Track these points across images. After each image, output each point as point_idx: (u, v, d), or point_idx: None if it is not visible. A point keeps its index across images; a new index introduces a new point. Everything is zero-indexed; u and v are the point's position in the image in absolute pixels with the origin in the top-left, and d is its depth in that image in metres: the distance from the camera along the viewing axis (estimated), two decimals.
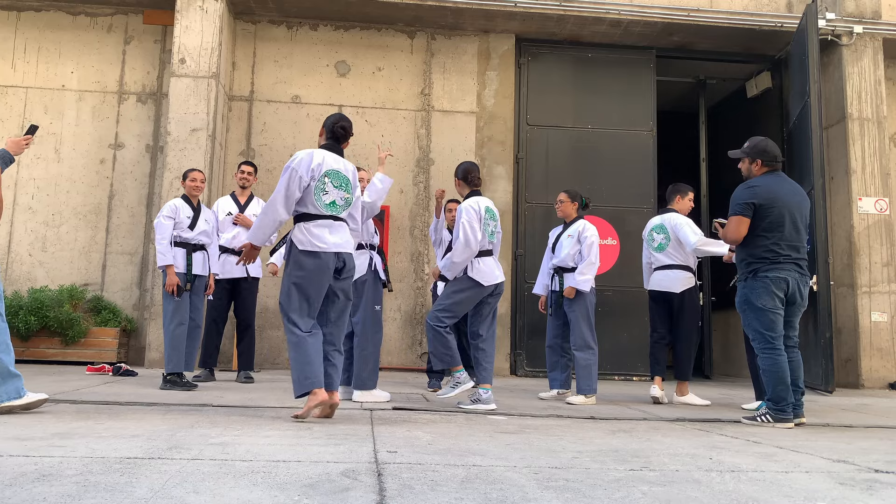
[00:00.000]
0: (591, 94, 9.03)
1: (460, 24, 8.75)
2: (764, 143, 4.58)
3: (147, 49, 8.63)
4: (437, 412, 4.45)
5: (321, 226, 3.90)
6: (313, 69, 8.73)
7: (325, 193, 3.92)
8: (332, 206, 3.94)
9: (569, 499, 2.16)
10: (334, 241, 3.91)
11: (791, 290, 4.37)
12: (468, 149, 8.72)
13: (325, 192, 3.92)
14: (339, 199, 3.98)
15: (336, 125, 4.08)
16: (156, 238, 5.53)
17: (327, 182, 3.93)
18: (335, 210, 3.96)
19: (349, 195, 4.02)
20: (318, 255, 3.85)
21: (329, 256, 3.88)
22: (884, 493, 2.40)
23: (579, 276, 5.44)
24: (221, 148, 8.27)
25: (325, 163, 3.94)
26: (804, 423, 4.44)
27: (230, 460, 2.58)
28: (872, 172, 8.44)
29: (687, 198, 5.98)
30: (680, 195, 5.98)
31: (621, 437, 3.61)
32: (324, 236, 3.88)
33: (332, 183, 3.95)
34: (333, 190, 3.95)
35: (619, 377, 8.38)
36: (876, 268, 8.27)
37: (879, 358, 8.11)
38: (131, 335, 8.02)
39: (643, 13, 8.40)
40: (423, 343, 8.29)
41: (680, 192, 6.00)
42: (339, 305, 4.01)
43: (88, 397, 4.52)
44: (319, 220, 3.91)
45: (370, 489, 2.19)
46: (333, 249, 3.89)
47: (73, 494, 2.00)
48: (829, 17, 8.53)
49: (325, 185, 3.92)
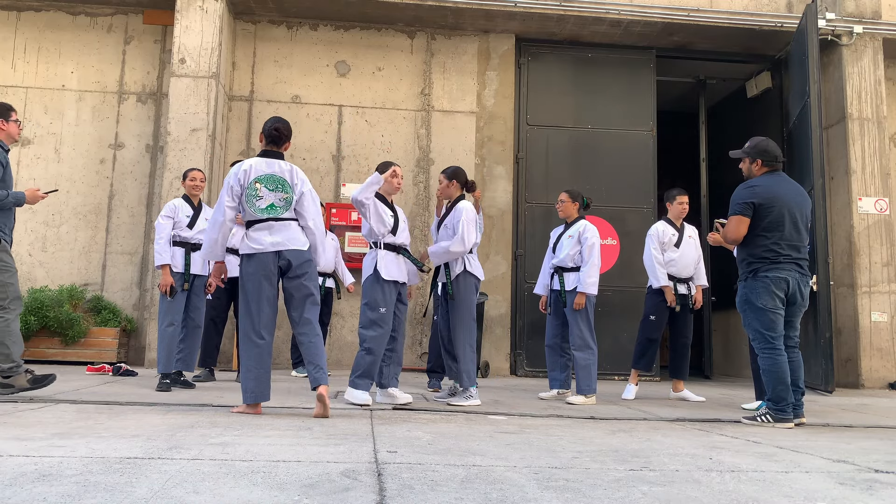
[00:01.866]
0: (591, 94, 9.03)
1: (460, 24, 8.74)
2: (765, 143, 4.58)
3: (147, 49, 8.63)
4: (437, 412, 4.45)
5: (259, 229, 4.06)
6: (313, 69, 8.72)
7: (259, 199, 4.06)
8: (270, 209, 4.07)
9: (569, 499, 2.16)
10: (272, 240, 4.03)
11: (791, 289, 4.37)
12: (468, 149, 8.72)
13: (258, 198, 4.06)
14: (276, 200, 4.08)
15: (271, 129, 4.20)
16: (154, 237, 5.55)
17: (259, 187, 4.06)
18: (274, 212, 4.07)
19: (289, 195, 4.11)
20: (254, 257, 4.01)
21: (266, 257, 4.00)
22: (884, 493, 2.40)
23: (588, 279, 5.42)
24: (221, 148, 8.27)
25: (255, 169, 4.09)
26: (804, 423, 4.44)
27: (230, 460, 2.58)
28: (872, 172, 8.44)
29: (676, 202, 6.10)
30: (668, 202, 6.18)
31: (621, 437, 3.61)
32: (261, 238, 4.04)
33: (267, 187, 4.07)
34: (269, 193, 4.07)
35: (619, 377, 8.37)
36: (876, 268, 8.27)
37: (879, 358, 8.10)
38: (131, 335, 8.02)
39: (643, 13, 8.39)
40: (423, 343, 8.29)
41: (667, 199, 6.19)
42: (297, 304, 4.07)
43: (88, 397, 4.52)
44: (258, 223, 4.07)
45: (370, 489, 2.19)
46: (270, 249, 4.00)
47: (73, 494, 2.00)
48: (829, 17, 8.53)
49: (257, 191, 4.06)
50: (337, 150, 8.60)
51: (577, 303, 5.42)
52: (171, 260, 5.45)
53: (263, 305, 4.00)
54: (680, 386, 6.06)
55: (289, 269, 4.06)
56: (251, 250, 4.02)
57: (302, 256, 4.08)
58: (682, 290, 6.04)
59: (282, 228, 4.07)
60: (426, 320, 8.27)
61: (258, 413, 4.03)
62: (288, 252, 4.04)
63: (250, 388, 3.97)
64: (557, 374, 5.71)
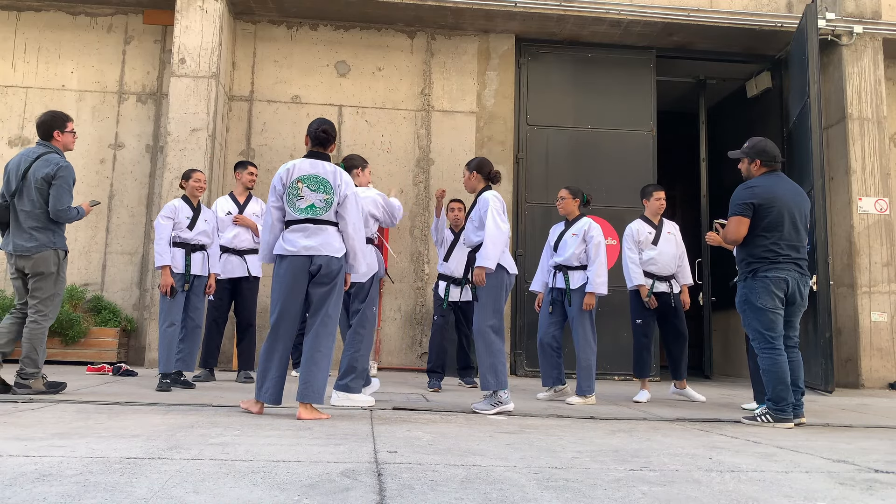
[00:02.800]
0: (591, 94, 9.03)
1: (460, 24, 8.74)
2: (763, 144, 4.59)
3: (147, 49, 8.63)
4: (437, 412, 4.45)
5: (296, 230, 4.05)
6: (313, 69, 8.72)
7: (300, 199, 4.05)
8: (309, 209, 4.04)
9: (569, 499, 2.16)
10: (306, 244, 4.01)
11: (791, 289, 4.37)
12: (468, 149, 8.72)
13: (299, 198, 4.05)
14: (317, 201, 4.06)
15: (317, 130, 4.19)
16: (154, 238, 5.55)
17: (301, 187, 4.05)
18: (314, 212, 4.05)
19: (329, 195, 4.07)
20: (286, 259, 4.02)
21: (298, 260, 4.00)
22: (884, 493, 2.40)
23: (597, 278, 5.34)
24: (221, 148, 8.27)
25: (298, 168, 4.09)
26: (804, 423, 4.44)
27: (230, 460, 2.58)
28: (872, 172, 8.44)
29: (653, 198, 6.01)
30: (645, 199, 6.09)
31: (621, 437, 3.61)
32: (296, 240, 4.03)
33: (309, 187, 4.05)
34: (311, 193, 4.05)
35: (619, 377, 8.38)
36: (876, 268, 8.27)
37: (879, 358, 8.10)
38: (131, 335, 8.02)
39: (643, 13, 8.40)
40: (424, 343, 8.29)
41: (644, 196, 6.11)
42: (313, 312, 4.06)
43: (88, 397, 4.52)
44: (296, 224, 4.05)
45: (370, 489, 2.19)
46: (303, 252, 3.99)
47: (73, 494, 2.00)
48: (829, 17, 8.53)
49: (299, 191, 4.05)
50: (337, 150, 8.60)
51: (588, 303, 5.32)
52: (171, 261, 5.46)
53: (289, 307, 3.99)
54: (683, 383, 5.98)
55: (317, 275, 4.03)
56: (284, 251, 4.02)
57: (333, 264, 4.04)
58: (663, 287, 5.86)
59: (317, 232, 4.03)
60: (426, 320, 8.27)
61: (259, 413, 4.02)
62: (319, 257, 4.01)
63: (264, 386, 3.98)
64: (550, 370, 5.64)
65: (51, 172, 4.57)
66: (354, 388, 4.60)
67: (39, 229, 4.60)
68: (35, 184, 4.57)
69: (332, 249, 4.03)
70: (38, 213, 4.59)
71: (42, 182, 4.57)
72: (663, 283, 5.88)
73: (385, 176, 8.61)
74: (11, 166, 4.69)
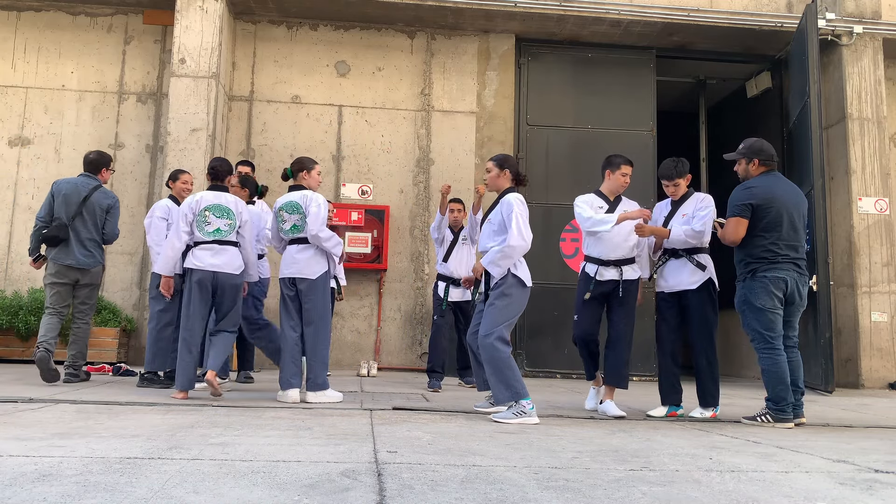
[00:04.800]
0: (591, 94, 9.03)
1: (460, 24, 8.74)
2: (759, 143, 4.59)
3: (147, 49, 8.63)
4: (437, 412, 4.45)
5: (204, 249, 4.84)
6: (313, 69, 8.72)
7: (208, 224, 4.85)
8: (216, 233, 4.85)
9: (569, 499, 2.16)
10: (212, 262, 4.81)
11: (790, 289, 4.37)
12: (468, 149, 8.72)
13: (207, 223, 4.85)
14: (222, 225, 4.87)
15: (213, 168, 5.05)
16: (149, 239, 5.58)
17: (208, 215, 4.85)
18: (220, 235, 4.86)
19: (232, 221, 4.90)
20: (194, 272, 4.81)
21: (205, 274, 4.79)
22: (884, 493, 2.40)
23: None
24: (221, 148, 8.27)
25: (204, 199, 4.89)
26: (804, 423, 4.44)
27: (230, 460, 2.58)
28: (872, 172, 8.44)
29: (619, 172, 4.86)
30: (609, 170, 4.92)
31: (621, 437, 3.61)
32: (204, 257, 4.82)
33: (214, 214, 4.86)
34: (215, 220, 4.86)
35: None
36: (876, 268, 8.27)
37: (879, 358, 8.10)
38: (131, 335, 8.02)
39: (643, 13, 8.40)
40: (423, 343, 8.29)
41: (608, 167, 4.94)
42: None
43: (88, 397, 4.52)
44: (204, 244, 4.84)
45: (370, 489, 2.19)
46: (209, 269, 4.80)
47: (73, 494, 2.00)
48: (829, 17, 8.53)
49: (206, 218, 4.85)
50: (337, 151, 8.60)
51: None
52: None
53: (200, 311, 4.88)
54: (610, 394, 4.71)
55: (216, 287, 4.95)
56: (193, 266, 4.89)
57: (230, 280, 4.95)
58: (610, 275, 4.74)
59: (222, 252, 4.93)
60: (426, 320, 8.27)
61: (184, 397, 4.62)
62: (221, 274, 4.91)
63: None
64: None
65: (111, 204, 5.67)
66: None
67: (96, 248, 5.61)
68: (98, 210, 5.58)
69: (230, 268, 4.85)
70: (95, 235, 5.60)
71: (102, 211, 5.61)
72: (610, 269, 4.76)
73: (385, 176, 8.61)
74: (69, 191, 5.55)
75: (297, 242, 4.86)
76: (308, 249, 4.83)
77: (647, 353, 8.28)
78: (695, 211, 4.75)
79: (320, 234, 4.77)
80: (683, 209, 4.80)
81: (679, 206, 4.85)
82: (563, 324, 8.39)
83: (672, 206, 4.91)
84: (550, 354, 8.49)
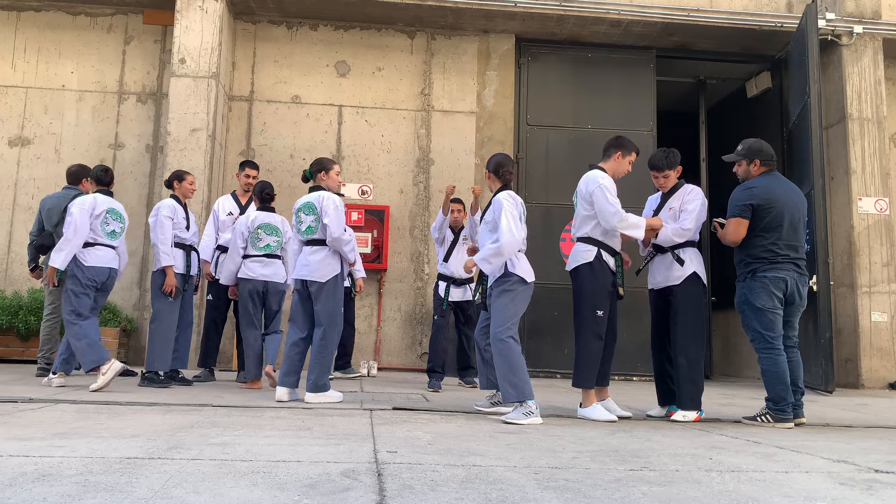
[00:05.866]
0: (591, 94, 9.03)
1: (460, 24, 8.74)
2: (759, 143, 4.59)
3: (147, 49, 8.63)
4: (437, 412, 4.45)
5: (255, 261, 5.68)
6: (313, 69, 8.72)
7: (259, 240, 5.68)
8: (266, 248, 5.71)
9: (569, 499, 2.16)
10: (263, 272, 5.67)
11: (790, 289, 4.37)
12: (468, 149, 8.72)
13: (259, 239, 5.68)
14: (272, 241, 5.72)
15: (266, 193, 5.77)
16: (154, 238, 5.51)
17: (260, 232, 5.68)
18: (269, 249, 5.71)
19: (279, 238, 5.74)
20: (249, 282, 5.64)
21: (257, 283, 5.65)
22: (884, 493, 2.40)
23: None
24: (221, 148, 8.27)
25: (258, 219, 5.69)
26: (804, 423, 4.44)
27: (230, 460, 2.58)
28: (872, 172, 8.44)
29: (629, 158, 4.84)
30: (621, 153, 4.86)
31: (621, 437, 3.61)
32: (256, 268, 5.66)
33: (265, 232, 5.68)
34: (266, 236, 5.69)
35: (618, 377, 8.37)
36: (876, 268, 8.27)
37: (879, 358, 8.10)
38: (131, 335, 8.02)
39: (643, 13, 8.40)
40: (424, 343, 8.29)
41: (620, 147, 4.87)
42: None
43: (88, 397, 4.52)
44: (255, 257, 5.68)
45: (370, 489, 2.19)
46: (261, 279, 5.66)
47: (73, 494, 2.00)
48: (829, 17, 8.53)
49: (258, 235, 5.68)
50: (337, 150, 8.60)
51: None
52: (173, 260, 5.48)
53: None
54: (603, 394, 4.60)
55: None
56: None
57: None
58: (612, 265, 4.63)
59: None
60: (426, 320, 8.27)
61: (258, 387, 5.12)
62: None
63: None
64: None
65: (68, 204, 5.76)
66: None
67: None
68: None
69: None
70: None
71: None
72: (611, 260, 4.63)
73: (385, 176, 8.61)
74: (52, 205, 6.09)
75: (312, 244, 4.83)
76: (320, 251, 4.80)
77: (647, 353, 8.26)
78: (682, 205, 4.62)
79: (342, 237, 4.74)
80: (671, 202, 4.70)
81: (668, 199, 4.77)
82: (563, 324, 8.39)
83: (661, 200, 4.83)
84: (550, 354, 8.49)
